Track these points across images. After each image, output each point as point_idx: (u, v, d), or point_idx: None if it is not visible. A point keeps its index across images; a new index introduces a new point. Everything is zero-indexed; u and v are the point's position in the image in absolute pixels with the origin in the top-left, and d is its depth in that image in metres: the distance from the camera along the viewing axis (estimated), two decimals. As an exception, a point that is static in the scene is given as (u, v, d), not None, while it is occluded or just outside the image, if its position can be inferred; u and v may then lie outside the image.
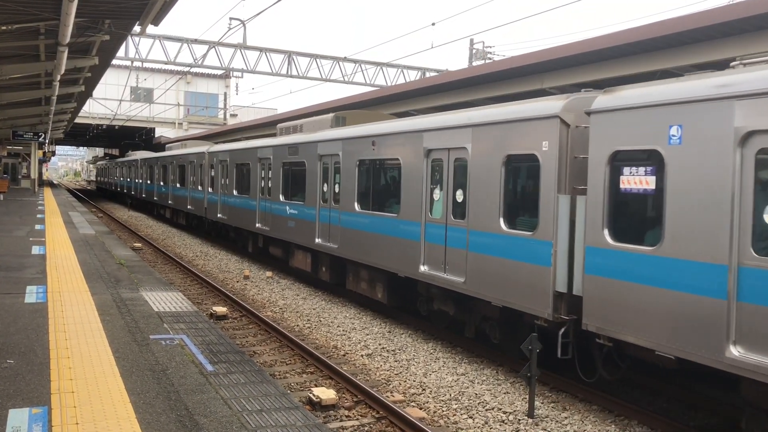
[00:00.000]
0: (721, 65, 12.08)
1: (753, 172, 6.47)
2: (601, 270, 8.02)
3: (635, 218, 7.83)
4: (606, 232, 7.95)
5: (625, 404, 8.48)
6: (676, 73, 13.24)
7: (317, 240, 15.65)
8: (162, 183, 35.16)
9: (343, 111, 17.99)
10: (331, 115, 16.64)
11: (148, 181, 39.03)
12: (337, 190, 14.92)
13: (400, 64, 39.31)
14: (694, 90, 7.06)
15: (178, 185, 31.43)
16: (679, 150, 7.16)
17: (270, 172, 19.23)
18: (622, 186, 7.86)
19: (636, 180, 7.74)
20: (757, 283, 6.36)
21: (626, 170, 7.83)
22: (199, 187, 27.26)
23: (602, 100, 8.17)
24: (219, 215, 24.25)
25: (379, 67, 38.88)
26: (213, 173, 25.45)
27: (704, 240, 6.83)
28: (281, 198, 18.22)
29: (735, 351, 6.49)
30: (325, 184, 15.53)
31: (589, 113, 8.29)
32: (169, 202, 33.31)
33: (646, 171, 7.63)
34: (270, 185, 19.18)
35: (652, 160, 7.51)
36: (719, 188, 6.72)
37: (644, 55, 14.12)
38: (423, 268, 11.40)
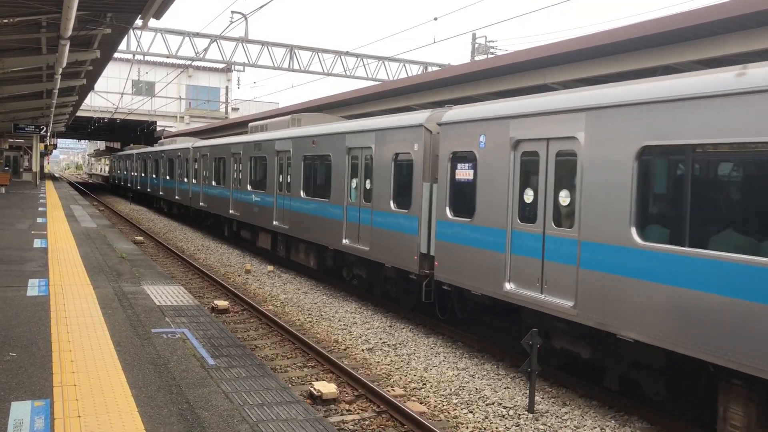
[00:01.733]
0: (723, 62, 12.05)
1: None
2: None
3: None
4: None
5: (625, 400, 8.50)
6: (678, 68, 13.22)
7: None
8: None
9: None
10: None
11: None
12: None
13: (402, 58, 39.23)
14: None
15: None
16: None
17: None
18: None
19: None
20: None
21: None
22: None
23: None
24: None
25: (380, 62, 38.82)
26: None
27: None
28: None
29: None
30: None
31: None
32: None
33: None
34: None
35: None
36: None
37: (645, 51, 14.09)
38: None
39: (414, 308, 13.10)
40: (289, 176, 17.75)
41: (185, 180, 30.27)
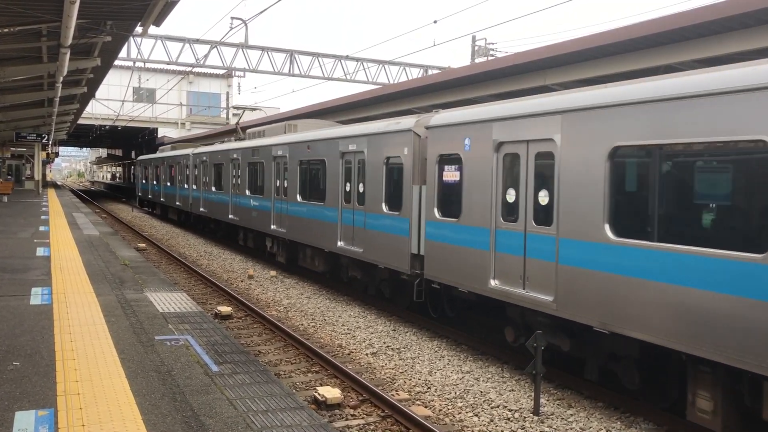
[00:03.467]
0: (724, 60, 12.03)
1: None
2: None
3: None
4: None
5: (631, 401, 8.47)
6: (679, 68, 13.20)
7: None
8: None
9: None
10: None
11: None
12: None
13: (402, 61, 39.26)
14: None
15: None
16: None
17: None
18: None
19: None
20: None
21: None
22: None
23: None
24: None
25: (380, 65, 38.83)
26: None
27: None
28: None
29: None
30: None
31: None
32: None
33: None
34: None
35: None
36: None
37: (646, 51, 14.08)
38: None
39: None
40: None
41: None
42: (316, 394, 8.41)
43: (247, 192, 21.17)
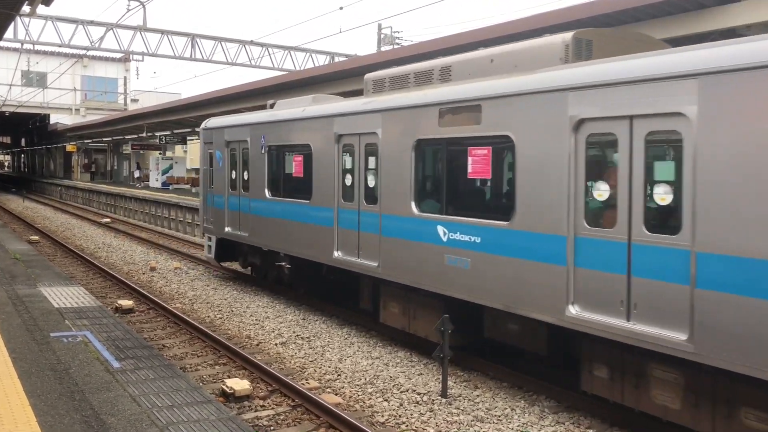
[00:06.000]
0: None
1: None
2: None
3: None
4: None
5: (534, 380, 8.79)
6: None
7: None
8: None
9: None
10: None
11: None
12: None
13: (309, 48, 38.89)
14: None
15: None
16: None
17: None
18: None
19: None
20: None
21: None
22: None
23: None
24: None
25: (286, 51, 38.32)
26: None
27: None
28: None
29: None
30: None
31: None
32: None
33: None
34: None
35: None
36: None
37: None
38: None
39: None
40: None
41: None
42: (224, 387, 8.25)
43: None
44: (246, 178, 14.14)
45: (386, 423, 7.66)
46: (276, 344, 10.81)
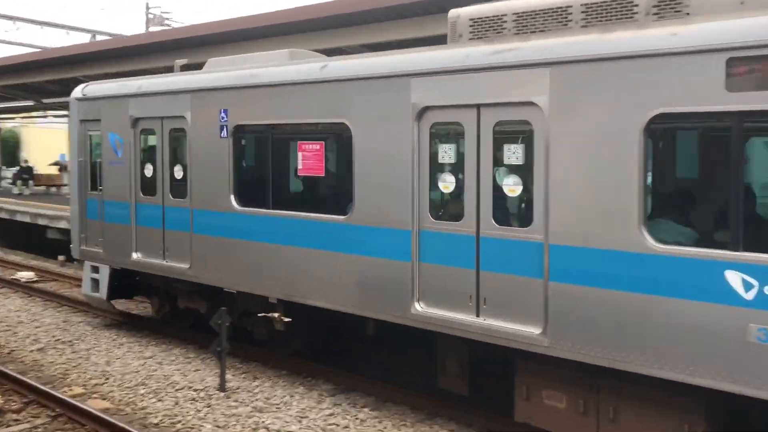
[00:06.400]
0: (386, 46, 13.17)
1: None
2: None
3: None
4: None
5: (312, 365, 8.93)
6: (349, 51, 14.14)
7: None
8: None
9: None
10: None
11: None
12: None
13: (66, 24, 35.59)
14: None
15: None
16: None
17: None
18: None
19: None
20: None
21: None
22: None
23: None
24: None
25: (41, 27, 34.70)
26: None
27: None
28: None
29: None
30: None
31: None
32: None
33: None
34: None
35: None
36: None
37: (317, 33, 14.80)
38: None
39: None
40: None
41: None
42: (-32, 404, 7.30)
43: None
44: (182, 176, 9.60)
45: (160, 424, 7.31)
46: (32, 351, 9.81)
